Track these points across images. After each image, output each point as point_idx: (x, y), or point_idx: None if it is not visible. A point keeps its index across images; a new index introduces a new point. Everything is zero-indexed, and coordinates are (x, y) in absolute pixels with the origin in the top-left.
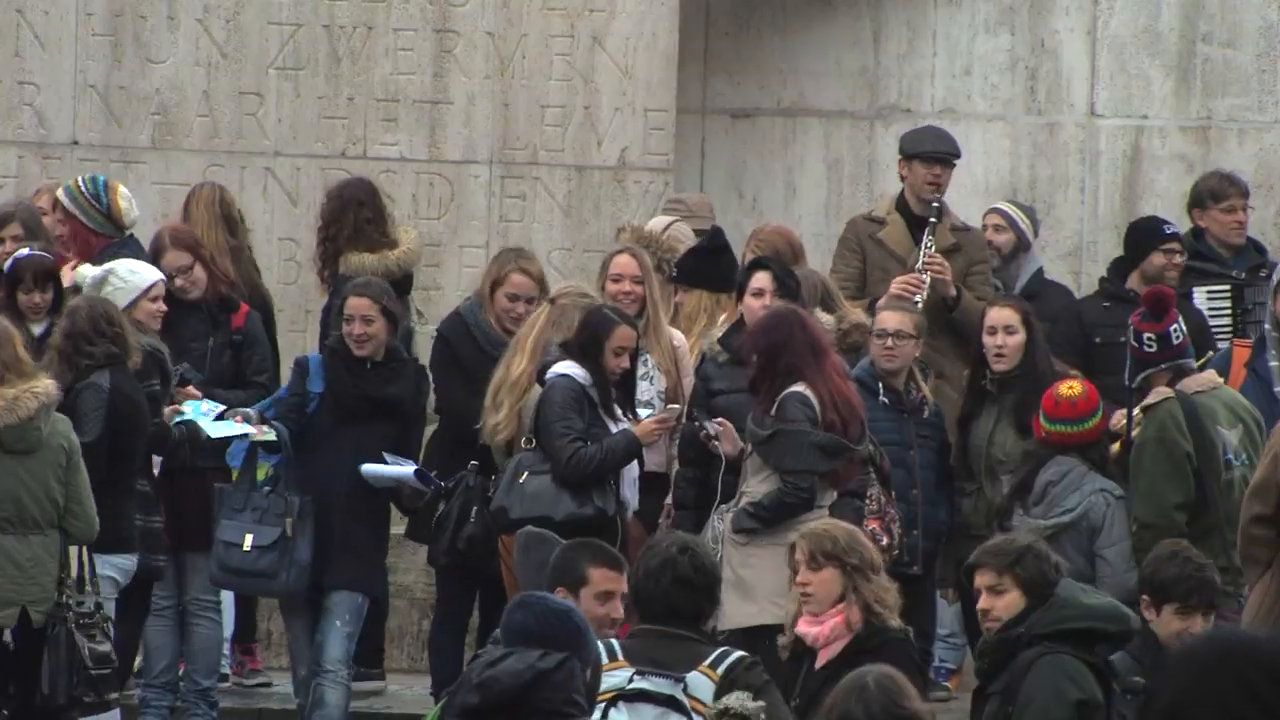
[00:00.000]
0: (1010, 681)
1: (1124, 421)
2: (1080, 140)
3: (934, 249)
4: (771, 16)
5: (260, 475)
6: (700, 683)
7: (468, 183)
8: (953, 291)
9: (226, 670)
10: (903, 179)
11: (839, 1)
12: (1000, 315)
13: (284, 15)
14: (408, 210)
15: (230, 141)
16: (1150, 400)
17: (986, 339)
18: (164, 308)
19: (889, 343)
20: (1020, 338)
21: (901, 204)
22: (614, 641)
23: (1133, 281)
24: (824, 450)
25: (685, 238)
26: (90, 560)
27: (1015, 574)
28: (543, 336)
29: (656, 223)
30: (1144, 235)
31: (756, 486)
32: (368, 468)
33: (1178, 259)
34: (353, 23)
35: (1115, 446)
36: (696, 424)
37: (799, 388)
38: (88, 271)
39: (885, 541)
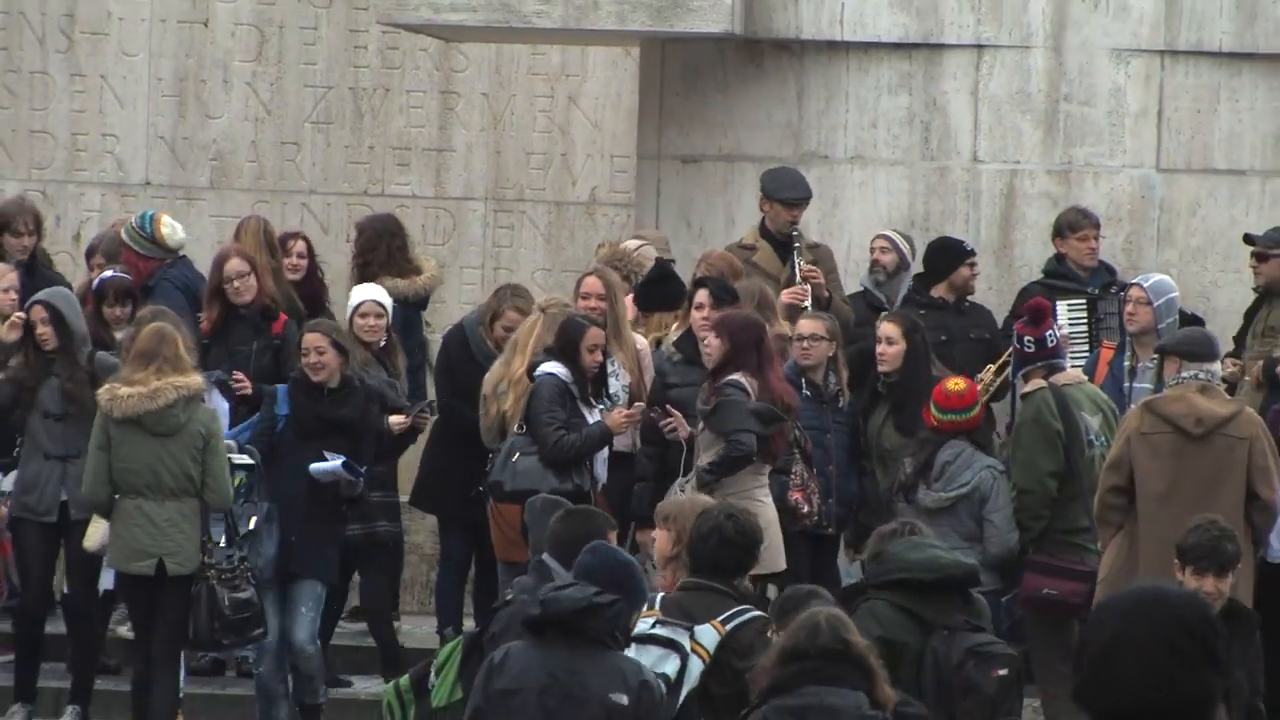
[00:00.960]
0: None
1: (986, 375)
2: (965, 181)
3: (804, 263)
4: (714, 79)
5: (234, 483)
6: (707, 633)
7: (467, 216)
8: (827, 294)
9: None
10: (763, 211)
11: (769, 67)
12: (885, 329)
13: (317, 79)
14: (417, 238)
15: (274, 182)
16: (1028, 389)
17: (877, 348)
18: (374, 323)
19: (805, 344)
20: (900, 347)
21: (764, 231)
22: (660, 595)
23: (940, 290)
24: (758, 416)
25: (650, 257)
26: (235, 521)
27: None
28: (540, 340)
29: (630, 243)
30: (950, 254)
31: (709, 459)
32: (313, 466)
33: (976, 269)
34: (373, 85)
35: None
36: (654, 414)
37: (735, 376)
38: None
39: (806, 509)
